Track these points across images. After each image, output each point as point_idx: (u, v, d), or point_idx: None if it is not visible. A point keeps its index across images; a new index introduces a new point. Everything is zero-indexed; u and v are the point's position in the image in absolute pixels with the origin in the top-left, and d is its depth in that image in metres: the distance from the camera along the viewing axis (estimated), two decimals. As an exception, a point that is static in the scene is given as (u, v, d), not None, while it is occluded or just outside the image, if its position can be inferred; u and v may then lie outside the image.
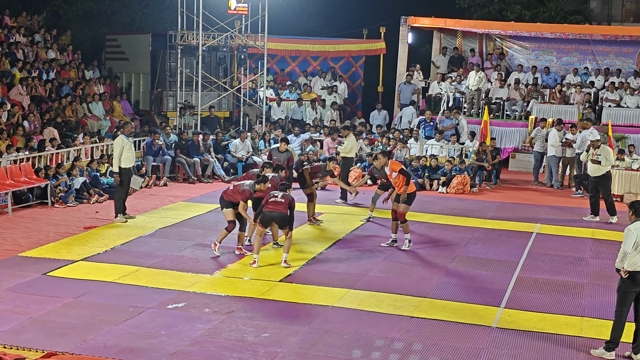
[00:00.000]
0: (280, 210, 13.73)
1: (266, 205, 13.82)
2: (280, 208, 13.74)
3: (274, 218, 13.82)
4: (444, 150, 24.18)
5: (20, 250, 14.31)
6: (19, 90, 22.77)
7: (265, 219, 13.86)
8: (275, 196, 13.85)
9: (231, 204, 14.42)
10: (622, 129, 25.56)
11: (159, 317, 10.94)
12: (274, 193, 13.95)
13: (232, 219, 14.41)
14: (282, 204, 13.75)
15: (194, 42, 25.05)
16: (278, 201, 13.76)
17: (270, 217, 13.82)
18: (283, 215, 13.75)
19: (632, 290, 9.99)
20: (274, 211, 13.73)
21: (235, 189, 14.42)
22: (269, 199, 13.84)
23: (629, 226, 10.10)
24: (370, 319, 11.17)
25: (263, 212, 13.81)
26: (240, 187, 14.39)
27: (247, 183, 14.49)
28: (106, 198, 18.91)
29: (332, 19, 38.45)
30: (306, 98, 28.62)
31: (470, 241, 16.22)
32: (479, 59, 30.36)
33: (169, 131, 23.55)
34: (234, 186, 14.56)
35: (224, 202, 14.52)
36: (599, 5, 37.89)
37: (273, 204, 13.77)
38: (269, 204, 13.79)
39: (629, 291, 10.00)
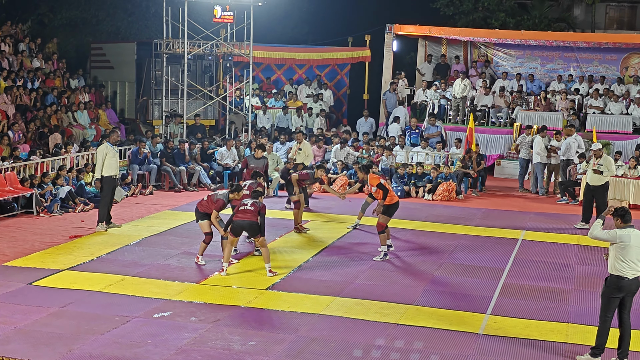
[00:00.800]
0: (249, 219, 13.65)
1: (236, 214, 13.79)
2: (249, 216, 13.66)
3: (244, 227, 13.75)
4: (429, 157, 24.24)
5: (5, 259, 14.24)
6: (3, 99, 22.72)
7: (236, 228, 13.80)
8: (245, 204, 13.79)
9: (206, 215, 14.35)
10: (607, 135, 25.70)
11: (145, 326, 10.91)
12: (244, 201, 13.89)
13: (208, 231, 14.37)
14: (251, 212, 13.68)
15: (180, 50, 25.03)
16: (247, 209, 13.70)
17: (240, 226, 13.76)
18: (252, 223, 13.68)
19: (616, 295, 10.02)
20: (244, 220, 13.66)
21: (210, 200, 14.35)
22: (239, 207, 13.81)
23: (618, 231, 10.05)
24: (357, 327, 11.17)
25: (233, 221, 13.76)
26: (214, 197, 14.34)
27: (220, 193, 14.44)
28: (92, 207, 18.84)
29: (318, 27, 38.54)
30: (292, 106, 28.64)
31: (456, 248, 16.25)
32: (464, 66, 30.47)
33: (158, 140, 23.51)
34: (208, 197, 14.48)
35: (199, 214, 14.45)
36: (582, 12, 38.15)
37: (242, 212, 13.71)
38: (238, 213, 13.75)
39: (613, 297, 10.04)
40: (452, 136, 26.41)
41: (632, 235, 9.97)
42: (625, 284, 9.97)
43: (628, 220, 10.10)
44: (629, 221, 10.11)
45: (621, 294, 10.01)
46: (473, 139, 24.64)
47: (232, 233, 13.85)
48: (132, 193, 21.17)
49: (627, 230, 10.02)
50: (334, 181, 22.88)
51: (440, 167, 22.96)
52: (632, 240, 9.93)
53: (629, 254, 9.92)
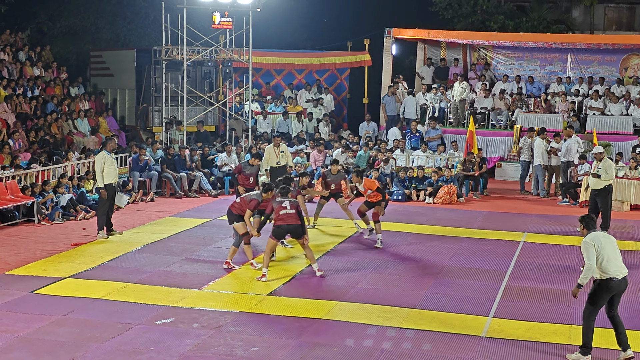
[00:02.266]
0: (293, 222, 13.77)
1: (278, 218, 13.78)
2: (292, 220, 13.77)
3: (289, 230, 13.88)
4: (430, 160, 24.24)
5: (7, 268, 14.24)
6: (4, 108, 22.74)
7: (280, 233, 13.89)
8: (284, 207, 13.81)
9: (241, 217, 14.38)
10: (607, 136, 25.70)
11: (147, 333, 10.90)
12: (283, 204, 13.86)
13: (245, 231, 14.36)
14: (294, 215, 13.81)
15: (179, 57, 25.05)
16: (289, 213, 13.77)
17: (285, 231, 13.88)
18: (297, 227, 13.82)
19: (605, 296, 10.17)
20: (290, 224, 13.74)
21: (243, 201, 14.37)
22: (279, 211, 13.79)
23: (585, 239, 10.27)
24: (359, 331, 11.16)
25: (278, 226, 13.78)
26: (248, 197, 14.37)
27: (253, 193, 14.49)
28: (93, 214, 18.83)
29: (317, 32, 38.59)
30: (292, 111, 28.65)
31: (457, 251, 16.25)
32: (462, 69, 30.48)
33: (158, 147, 23.53)
34: (241, 198, 14.51)
35: (233, 216, 14.48)
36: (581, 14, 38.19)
37: (285, 217, 13.74)
38: (280, 217, 13.75)
39: (601, 297, 10.17)
40: (450, 139, 26.43)
41: (599, 236, 10.26)
42: (615, 284, 10.11)
43: (592, 227, 10.41)
44: (592, 228, 10.41)
45: (610, 294, 10.15)
46: (474, 142, 24.65)
47: (274, 237, 13.89)
48: (133, 200, 21.18)
49: (591, 235, 10.28)
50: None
51: (441, 170, 22.96)
52: (602, 240, 10.20)
53: (607, 253, 10.12)
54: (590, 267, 10.07)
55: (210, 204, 21.33)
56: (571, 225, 18.98)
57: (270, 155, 20.27)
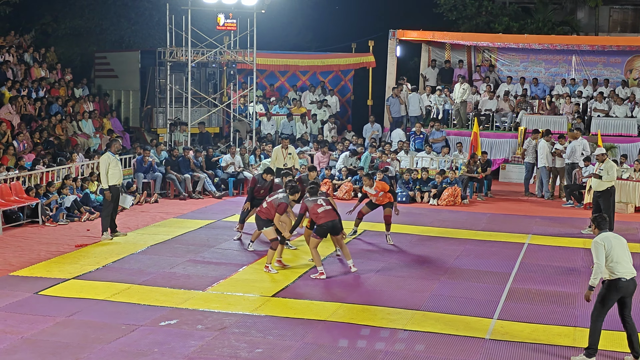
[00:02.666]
0: (334, 218, 14.05)
1: (318, 217, 13.97)
2: (332, 216, 14.06)
3: (333, 227, 14.09)
4: (434, 162, 24.22)
5: (11, 269, 14.26)
6: (8, 109, 22.76)
7: (323, 231, 14.06)
8: (321, 205, 14.05)
9: (269, 222, 14.40)
10: (612, 138, 25.67)
11: (151, 335, 10.91)
12: (319, 202, 14.09)
13: (275, 237, 14.37)
14: (332, 211, 14.11)
15: (183, 58, 25.07)
16: (327, 209, 14.05)
17: (328, 228, 14.07)
18: (336, 223, 14.12)
19: (613, 297, 10.14)
20: (331, 220, 14.00)
21: (270, 205, 14.38)
22: (317, 209, 13.98)
23: (595, 239, 10.28)
24: (364, 333, 11.15)
25: (321, 225, 13.96)
26: (275, 201, 14.38)
27: (280, 196, 14.50)
28: (97, 216, 18.83)
29: (321, 33, 38.61)
30: (296, 113, 28.66)
31: (462, 253, 16.23)
32: (466, 70, 30.46)
33: (162, 148, 23.55)
34: (267, 203, 14.50)
35: (261, 222, 14.48)
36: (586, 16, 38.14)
37: (325, 214, 13.98)
38: (320, 215, 13.96)
39: (609, 298, 10.14)
40: (455, 141, 26.42)
41: (609, 237, 10.24)
42: (623, 284, 10.07)
43: (603, 228, 10.39)
44: (604, 228, 10.38)
45: (619, 295, 10.10)
46: (478, 144, 24.63)
47: (319, 236, 14.05)
48: (137, 201, 21.19)
49: (602, 235, 10.27)
50: (339, 187, 22.90)
51: (445, 172, 22.95)
52: (612, 241, 10.18)
53: (616, 253, 10.09)
54: (599, 267, 10.04)
55: (214, 206, 21.34)
56: (575, 228, 18.99)
57: (277, 156, 20.27)
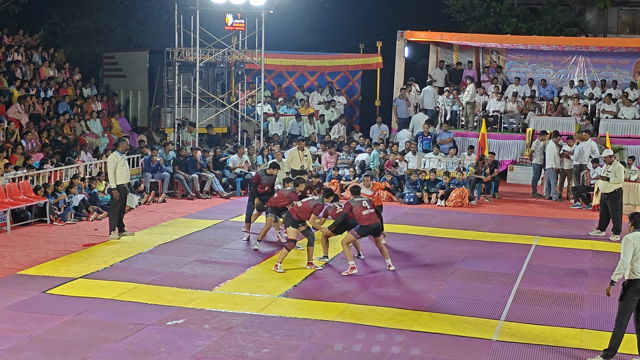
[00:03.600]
0: (377, 220, 14.35)
1: (362, 219, 14.17)
2: (375, 218, 14.33)
3: (375, 229, 14.35)
4: (442, 163, 24.19)
5: (19, 268, 14.30)
6: (17, 108, 22.82)
7: (366, 232, 14.32)
8: (365, 207, 14.27)
9: (297, 223, 14.58)
10: (620, 140, 25.59)
11: (158, 334, 10.92)
12: (362, 204, 14.31)
13: (294, 238, 14.54)
14: (374, 213, 14.36)
15: (192, 58, 25.10)
16: (370, 212, 14.27)
17: (373, 230, 14.32)
18: (379, 224, 14.42)
19: (635, 298, 10.03)
20: (377, 223, 14.30)
21: (306, 206, 14.53)
22: (362, 211, 14.18)
23: (627, 235, 10.17)
24: (370, 333, 11.15)
25: (365, 227, 14.18)
26: (311, 202, 14.58)
27: (316, 198, 14.86)
28: (105, 215, 18.86)
29: (329, 34, 38.60)
30: (304, 113, 28.66)
31: (469, 254, 16.22)
32: (475, 72, 30.41)
33: (170, 148, 23.58)
34: (303, 203, 14.68)
35: (290, 220, 14.61)
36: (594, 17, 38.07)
37: (368, 216, 14.22)
38: (364, 217, 14.17)
39: (631, 299, 10.03)
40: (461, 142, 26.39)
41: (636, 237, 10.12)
42: None
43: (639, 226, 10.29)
44: None
45: (638, 295, 10.01)
46: (486, 145, 24.59)
47: (359, 235, 14.35)
48: (145, 201, 21.22)
49: (635, 233, 10.16)
50: (346, 187, 22.89)
51: (452, 173, 22.92)
52: (636, 241, 10.08)
53: None
54: (623, 264, 9.98)
55: (221, 206, 21.36)
56: (583, 229, 18.96)
57: (294, 158, 20.27)
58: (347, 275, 14.20)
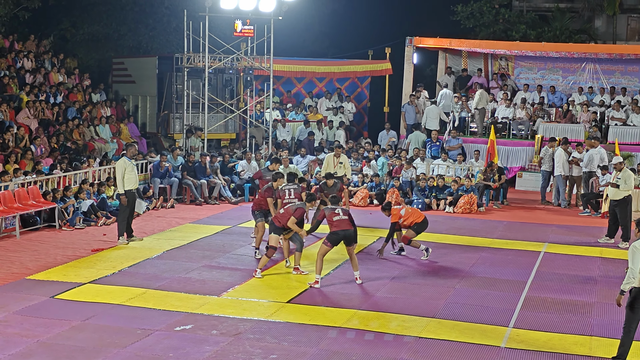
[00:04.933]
0: (348, 228, 14.00)
1: (332, 225, 13.99)
2: (346, 225, 14.01)
3: (346, 236, 14.01)
4: (450, 169, 24.17)
5: (28, 273, 14.33)
6: (26, 113, 22.89)
7: (336, 239, 14.02)
8: (337, 214, 14.09)
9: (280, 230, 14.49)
10: (629, 147, 25.54)
11: (166, 340, 10.93)
12: (335, 211, 14.14)
13: (274, 245, 14.47)
14: (347, 221, 14.06)
15: (200, 64, 25.15)
16: (342, 219, 14.04)
17: (341, 237, 14.01)
18: (352, 232, 14.04)
19: None
20: (345, 229, 13.96)
21: (287, 211, 14.44)
22: (332, 217, 14.02)
23: (634, 243, 10.07)
24: (378, 340, 11.14)
25: (334, 232, 13.96)
26: (292, 207, 14.48)
27: (298, 202, 14.76)
28: (113, 220, 18.88)
29: (338, 40, 38.67)
30: (312, 119, 28.67)
31: (477, 261, 16.19)
32: (485, 79, 30.38)
33: (178, 153, 23.62)
34: (285, 209, 14.56)
35: (273, 227, 14.54)
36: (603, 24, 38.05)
37: (339, 222, 13.99)
38: (335, 223, 13.98)
39: (638, 307, 9.97)
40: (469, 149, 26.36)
41: None
42: None
43: None
44: None
45: None
46: (495, 152, 24.57)
47: (330, 243, 14.04)
48: (153, 206, 21.26)
49: None
50: (354, 194, 22.89)
51: (461, 179, 22.90)
52: None
53: None
54: (632, 272, 9.90)
55: (230, 211, 21.37)
56: (592, 236, 18.91)
57: (328, 163, 20.25)
58: (310, 285, 13.89)
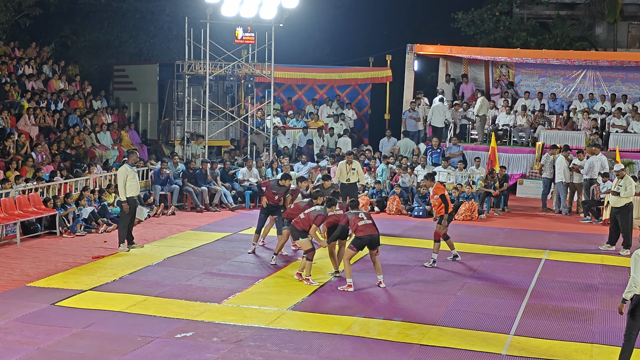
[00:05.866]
0: (373, 232, 14.14)
1: (357, 230, 14.08)
2: (372, 230, 14.15)
3: (371, 241, 14.14)
4: (451, 176, 24.17)
5: (28, 280, 14.32)
6: (25, 120, 22.89)
7: (362, 244, 14.15)
8: (362, 218, 14.17)
9: (305, 233, 14.54)
10: (630, 154, 25.53)
11: (167, 347, 10.92)
12: (359, 215, 14.23)
13: (310, 247, 14.50)
14: (372, 225, 14.20)
15: (201, 71, 25.17)
16: (367, 223, 14.16)
17: (367, 241, 14.13)
18: (376, 237, 14.19)
19: None
20: (371, 234, 14.11)
21: (308, 217, 14.51)
22: (357, 222, 14.10)
23: (637, 251, 10.03)
24: (379, 347, 11.12)
25: (360, 237, 14.07)
26: (313, 213, 14.53)
27: (318, 209, 14.71)
28: (114, 227, 18.88)
29: (339, 47, 38.68)
30: (313, 126, 28.68)
31: (478, 268, 16.18)
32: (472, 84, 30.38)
33: (177, 160, 23.62)
34: (305, 214, 14.63)
35: (297, 232, 14.61)
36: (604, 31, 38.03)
37: (364, 227, 14.09)
38: (360, 228, 14.07)
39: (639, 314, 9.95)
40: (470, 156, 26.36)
41: None
42: None
43: None
44: None
45: None
46: (496, 159, 24.56)
47: (356, 248, 14.16)
48: (154, 213, 21.26)
49: None
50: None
51: (462, 186, 22.89)
52: None
53: None
54: (634, 281, 9.86)
55: (230, 218, 21.37)
56: (593, 244, 18.90)
57: (341, 171, 20.23)
58: (342, 290, 14.09)
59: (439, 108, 27.83)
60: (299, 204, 15.63)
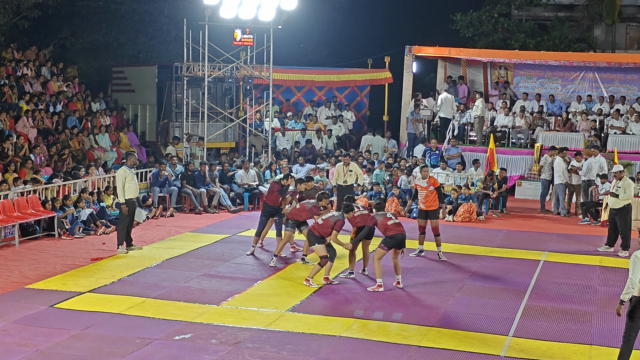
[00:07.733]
0: (403, 231, 14.36)
1: (387, 229, 14.22)
2: (401, 229, 14.36)
3: (402, 240, 14.32)
4: (449, 178, 24.17)
5: (27, 282, 14.31)
6: (24, 122, 22.88)
7: (393, 243, 14.26)
8: (390, 218, 14.38)
9: (322, 239, 14.54)
10: (628, 155, 25.53)
11: (165, 349, 10.91)
12: (387, 215, 14.44)
13: (325, 254, 14.47)
14: (400, 224, 14.43)
15: (200, 73, 25.17)
16: (396, 222, 14.36)
17: (399, 240, 14.28)
18: (404, 236, 14.39)
19: None
20: (401, 233, 14.29)
21: (326, 222, 14.49)
22: (387, 222, 14.27)
23: (636, 252, 10.04)
24: (378, 349, 11.12)
25: (391, 237, 14.20)
26: (332, 219, 14.51)
27: (337, 214, 14.72)
28: (113, 229, 18.89)
29: (337, 49, 38.71)
30: (311, 128, 28.68)
31: (477, 269, 16.18)
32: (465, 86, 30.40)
33: (175, 161, 23.62)
34: (323, 220, 14.58)
35: (314, 238, 14.56)
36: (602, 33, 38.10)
37: (394, 226, 14.27)
38: (389, 227, 14.23)
39: (638, 315, 9.94)
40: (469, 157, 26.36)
41: None
42: None
43: None
44: None
45: None
46: (494, 160, 24.56)
47: (387, 247, 14.28)
48: (153, 215, 21.25)
49: None
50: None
51: (460, 188, 22.89)
52: None
53: None
54: (632, 282, 9.87)
55: (229, 220, 21.37)
56: (591, 245, 18.90)
57: (339, 173, 20.23)
58: (372, 291, 14.20)
59: (448, 100, 27.88)
60: (305, 205, 15.68)
